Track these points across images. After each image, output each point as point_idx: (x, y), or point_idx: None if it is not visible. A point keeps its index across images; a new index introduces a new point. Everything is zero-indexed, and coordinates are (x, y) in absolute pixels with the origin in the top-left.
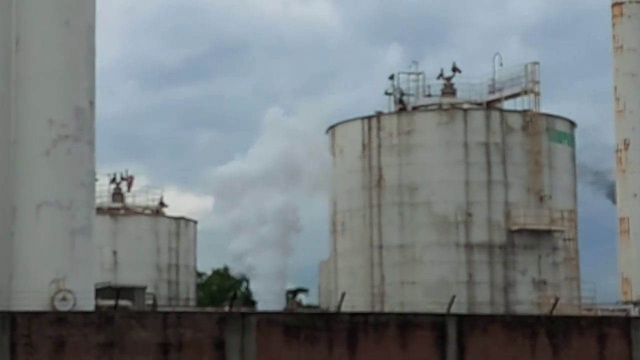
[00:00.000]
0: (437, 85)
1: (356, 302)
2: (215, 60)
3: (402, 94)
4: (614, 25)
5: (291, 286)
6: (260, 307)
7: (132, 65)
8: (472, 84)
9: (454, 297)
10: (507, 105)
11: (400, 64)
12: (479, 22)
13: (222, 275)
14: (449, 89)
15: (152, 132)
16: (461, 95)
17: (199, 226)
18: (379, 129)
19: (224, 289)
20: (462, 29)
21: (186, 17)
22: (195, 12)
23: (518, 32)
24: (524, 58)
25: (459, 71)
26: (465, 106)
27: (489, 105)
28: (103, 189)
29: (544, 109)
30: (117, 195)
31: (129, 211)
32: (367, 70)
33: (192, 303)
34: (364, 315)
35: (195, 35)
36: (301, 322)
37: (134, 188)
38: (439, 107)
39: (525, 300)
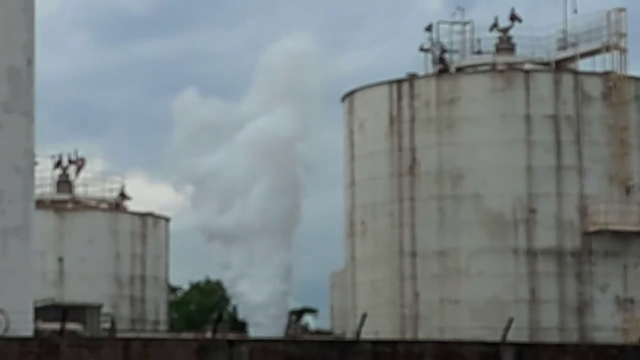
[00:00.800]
0: (490, 40)
1: (381, 327)
2: (196, 5)
3: (444, 51)
4: None
5: (295, 305)
6: (254, 332)
7: (85, 12)
8: (536, 38)
9: (511, 320)
10: (583, 65)
11: (442, 11)
12: None
13: (202, 290)
14: (505, 44)
15: (112, 101)
16: (522, 52)
17: (172, 225)
18: (411, 96)
19: (205, 309)
20: None
21: None
22: None
23: None
24: (606, 3)
25: (519, 20)
26: (528, 67)
27: (559, 66)
28: (45, 176)
29: (633, 70)
30: (64, 184)
31: (80, 205)
32: (397, 20)
33: (163, 327)
34: (391, 343)
35: None
36: (308, 353)
37: (86, 174)
38: (493, 68)
39: (607, 325)
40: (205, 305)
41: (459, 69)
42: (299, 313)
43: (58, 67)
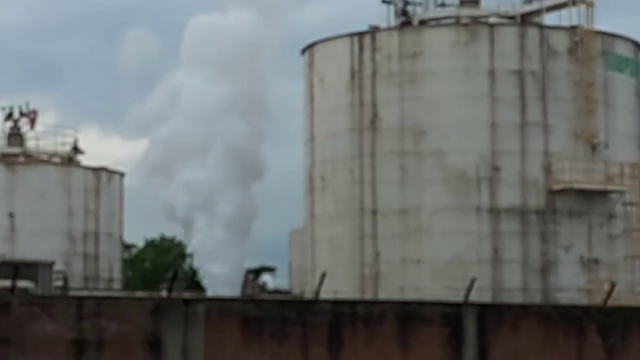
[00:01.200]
0: None
1: (341, 286)
2: None
3: (406, 3)
4: None
5: (252, 264)
6: (211, 292)
7: None
8: None
9: (473, 280)
10: (549, 20)
11: None
12: None
13: (158, 247)
14: None
15: (65, 52)
16: (486, 5)
17: (127, 180)
18: (373, 50)
19: (160, 267)
20: None
21: None
22: None
23: None
24: None
25: None
26: (492, 20)
27: (525, 20)
28: None
29: (600, 25)
30: (15, 137)
31: (31, 159)
32: None
33: (117, 285)
34: (351, 303)
35: None
36: (266, 313)
37: (39, 128)
38: (456, 22)
39: (571, 286)
40: (161, 263)
41: (422, 22)
42: (256, 272)
43: (10, 16)
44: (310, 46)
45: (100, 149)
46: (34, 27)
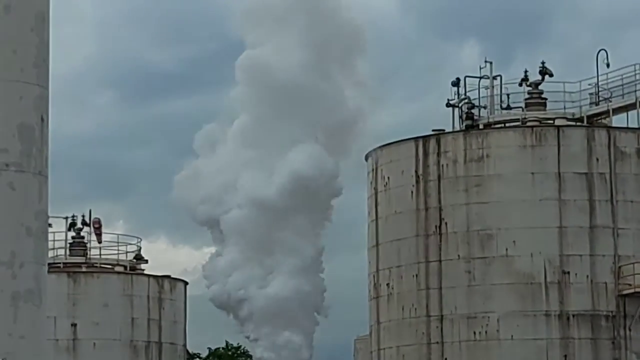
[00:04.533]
0: (520, 95)
1: None
2: (225, 62)
3: (471, 106)
4: None
5: None
6: None
7: (112, 70)
8: (568, 93)
9: None
10: (616, 121)
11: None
12: (591, 8)
13: (222, 357)
14: (536, 99)
15: (136, 161)
16: (553, 107)
17: (191, 290)
18: (438, 154)
19: None
20: (568, 19)
21: (187, 5)
22: None
23: None
24: (639, 56)
25: (550, 74)
26: (559, 122)
27: (592, 122)
28: (60, 239)
29: None
30: (78, 246)
31: (94, 268)
32: (433, 75)
33: None
34: None
35: (198, 31)
36: None
37: (104, 237)
38: (523, 124)
39: None
40: None
41: (488, 125)
42: None
43: (83, 126)
44: (374, 151)
45: (168, 258)
46: (107, 136)
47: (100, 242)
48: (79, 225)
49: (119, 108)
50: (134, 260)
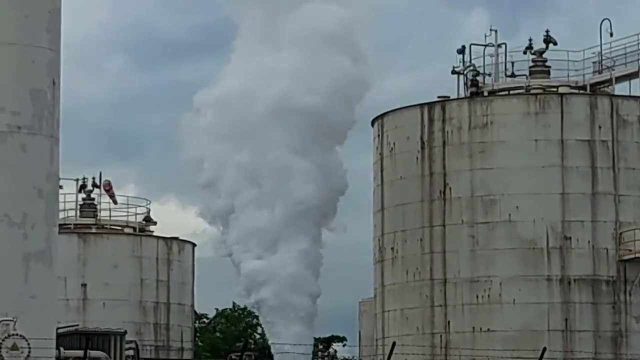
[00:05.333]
0: (524, 63)
1: (410, 356)
2: (232, 30)
3: (476, 73)
4: None
5: (323, 333)
6: None
7: (124, 36)
8: (571, 61)
9: (544, 349)
10: (619, 89)
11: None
12: None
13: (228, 317)
14: (540, 67)
15: (147, 125)
16: (557, 75)
17: (199, 252)
18: (443, 120)
19: (231, 337)
20: None
21: None
22: None
23: None
24: None
25: (554, 43)
26: (562, 90)
27: (595, 90)
28: (70, 200)
29: None
30: (88, 208)
31: (103, 229)
32: (440, 43)
33: (187, 355)
34: None
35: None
36: None
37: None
38: (526, 91)
39: None
40: (232, 332)
41: (492, 92)
42: (327, 341)
43: (94, 90)
44: (380, 117)
45: (177, 220)
46: (118, 100)
47: (115, 202)
48: (90, 187)
49: (131, 73)
50: (143, 222)
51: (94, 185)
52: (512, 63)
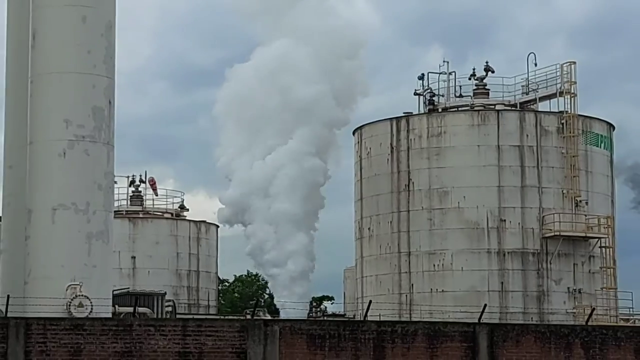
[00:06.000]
0: (470, 86)
1: (383, 311)
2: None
3: (432, 95)
4: None
5: (316, 294)
6: (284, 315)
7: (165, 66)
8: (505, 85)
9: (485, 306)
10: (542, 106)
11: (441, 63)
12: (525, 21)
13: (244, 282)
14: (481, 90)
15: (182, 135)
16: (494, 96)
17: (221, 232)
18: (408, 130)
19: (246, 297)
20: (507, 29)
21: (221, 17)
22: (230, 12)
23: (564, 32)
24: (560, 58)
25: (492, 71)
26: (498, 107)
27: (523, 107)
28: (123, 192)
29: (582, 110)
30: (136, 198)
31: (148, 215)
32: (406, 72)
33: (213, 310)
34: (391, 324)
35: (231, 36)
36: (326, 331)
37: (159, 191)
38: (471, 108)
39: (560, 310)
40: (246, 293)
41: (445, 109)
42: (319, 300)
43: (142, 108)
44: (359, 128)
45: (205, 207)
46: (160, 116)
47: (157, 194)
48: (137, 182)
49: (170, 95)
50: (179, 209)
51: (141, 180)
52: (460, 87)
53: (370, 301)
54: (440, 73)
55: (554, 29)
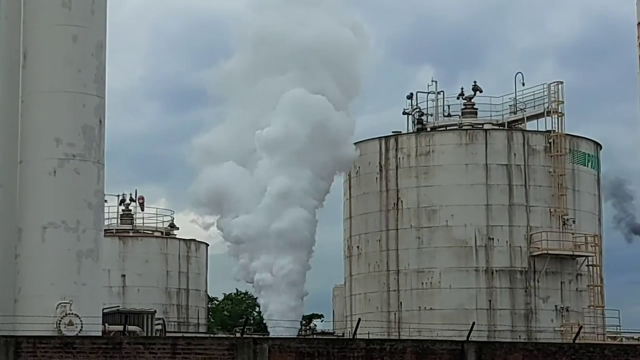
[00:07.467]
0: (458, 106)
1: (372, 329)
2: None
3: (421, 114)
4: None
5: (305, 312)
6: (273, 333)
7: (158, 86)
8: (493, 104)
9: (473, 323)
10: (529, 126)
11: (432, 83)
12: (516, 42)
13: (233, 300)
14: (469, 109)
15: (174, 154)
16: (482, 115)
17: (211, 250)
18: (396, 149)
19: (235, 314)
20: (499, 50)
21: (214, 36)
22: (223, 31)
23: (555, 53)
24: (547, 78)
25: (480, 90)
26: (486, 127)
27: (511, 126)
28: (113, 211)
29: (569, 130)
30: (126, 216)
31: (138, 233)
32: (395, 92)
33: (202, 328)
34: (380, 342)
35: (223, 57)
36: (315, 349)
37: (147, 210)
38: (459, 127)
39: (548, 328)
40: (236, 311)
41: (433, 128)
42: (309, 318)
43: (133, 127)
44: None
45: (194, 226)
46: (153, 135)
47: (142, 209)
48: (128, 201)
49: (162, 114)
50: (169, 228)
51: (131, 199)
52: (449, 106)
53: (359, 319)
54: (428, 92)
55: (544, 50)
